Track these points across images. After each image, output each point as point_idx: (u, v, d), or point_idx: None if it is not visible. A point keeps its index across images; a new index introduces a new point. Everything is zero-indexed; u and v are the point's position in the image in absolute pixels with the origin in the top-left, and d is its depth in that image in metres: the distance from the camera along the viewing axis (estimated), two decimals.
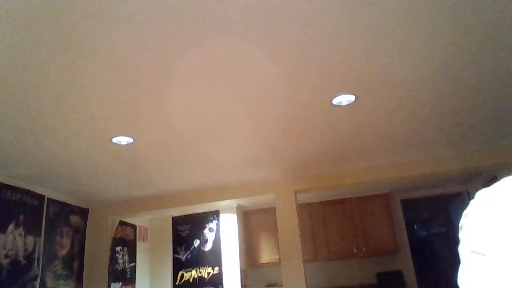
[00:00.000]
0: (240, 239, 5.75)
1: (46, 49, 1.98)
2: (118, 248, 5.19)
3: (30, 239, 3.98)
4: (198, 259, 5.76)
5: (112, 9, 1.75)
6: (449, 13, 1.97)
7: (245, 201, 5.57)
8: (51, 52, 2.00)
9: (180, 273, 5.78)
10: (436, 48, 2.28)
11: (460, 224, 0.57)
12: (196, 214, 5.90)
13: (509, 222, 0.49)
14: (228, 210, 5.81)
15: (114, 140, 3.16)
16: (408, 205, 6.29)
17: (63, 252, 4.48)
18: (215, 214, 5.86)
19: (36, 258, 4.02)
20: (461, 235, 0.56)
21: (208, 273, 5.65)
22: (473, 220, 0.54)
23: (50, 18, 1.77)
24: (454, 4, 1.91)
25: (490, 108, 3.20)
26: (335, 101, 2.83)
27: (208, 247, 5.77)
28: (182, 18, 1.85)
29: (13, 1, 1.65)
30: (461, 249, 0.55)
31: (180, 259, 5.85)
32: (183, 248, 5.89)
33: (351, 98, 2.81)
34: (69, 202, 4.68)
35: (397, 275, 5.67)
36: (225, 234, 5.74)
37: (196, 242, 5.85)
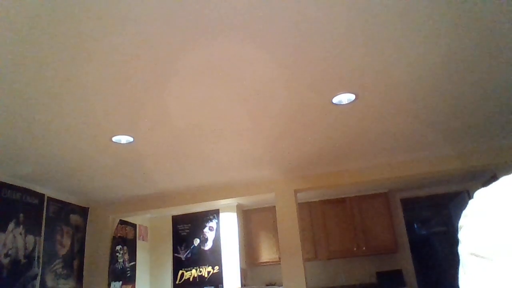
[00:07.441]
0: (240, 238, 5.75)
1: (46, 48, 1.98)
2: (118, 247, 5.19)
3: (30, 238, 3.98)
4: (198, 258, 5.76)
5: (112, 9, 1.75)
6: (449, 12, 1.97)
7: (245, 200, 5.57)
8: (51, 51, 2.00)
9: (180, 272, 5.79)
10: (436, 47, 2.28)
11: (459, 225, 0.57)
12: (196, 213, 5.90)
13: (509, 223, 0.49)
14: (228, 209, 5.81)
15: (114, 139, 3.16)
16: (408, 204, 6.29)
17: (63, 251, 4.48)
18: (215, 213, 5.86)
19: (36, 257, 4.02)
20: (461, 235, 0.55)
21: (208, 272, 5.65)
22: (472, 221, 0.54)
23: (50, 18, 1.77)
24: (454, 3, 1.91)
25: (490, 107, 3.20)
26: (335, 100, 2.83)
27: (208, 246, 5.78)
28: (182, 18, 1.85)
29: (13, 0, 1.65)
30: (461, 250, 0.54)
31: (180, 258, 5.85)
32: (183, 247, 5.89)
33: (351, 97, 2.81)
34: (69, 201, 4.69)
35: (397, 274, 5.67)
36: (225, 233, 5.75)
37: (196, 241, 5.85)
